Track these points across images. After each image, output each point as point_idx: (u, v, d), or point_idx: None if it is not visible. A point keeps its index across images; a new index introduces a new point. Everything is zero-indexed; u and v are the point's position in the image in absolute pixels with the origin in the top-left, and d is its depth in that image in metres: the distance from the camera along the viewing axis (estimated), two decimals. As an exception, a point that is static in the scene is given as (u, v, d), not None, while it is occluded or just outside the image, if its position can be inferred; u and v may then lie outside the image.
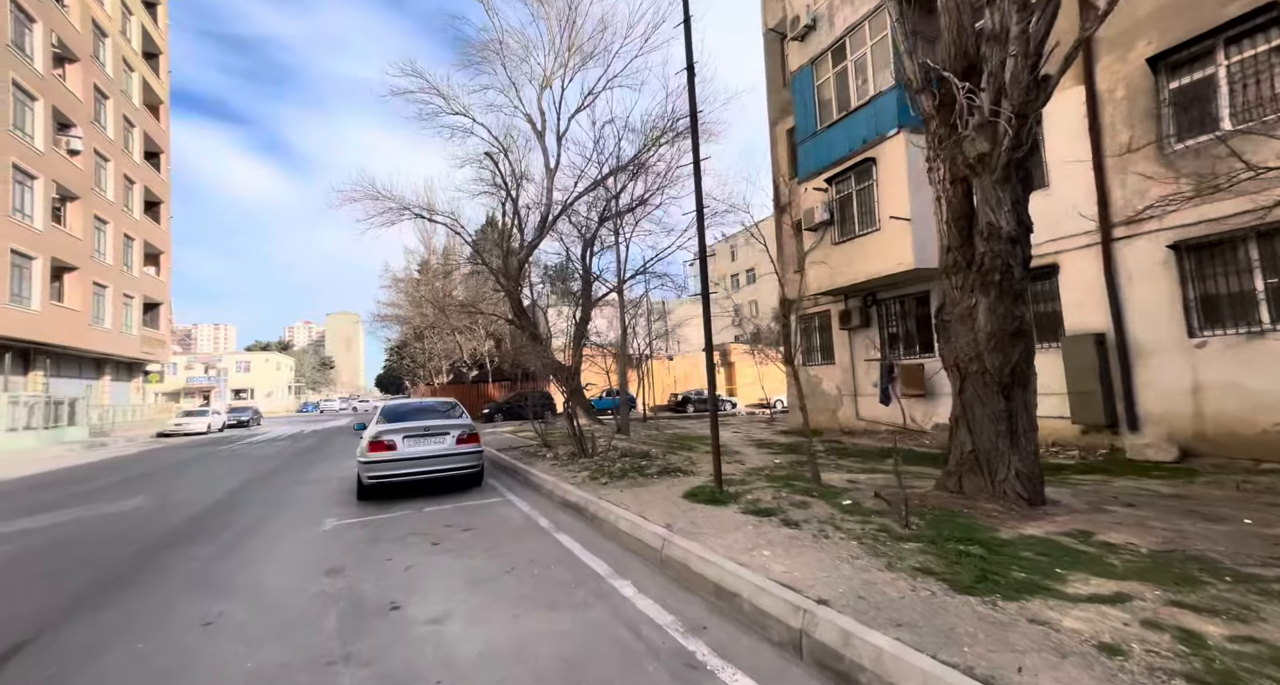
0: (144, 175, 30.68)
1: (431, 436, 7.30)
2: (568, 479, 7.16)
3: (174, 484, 9.99)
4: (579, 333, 19.97)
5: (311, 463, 12.18)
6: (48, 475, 12.22)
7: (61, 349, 23.43)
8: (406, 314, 31.51)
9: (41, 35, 21.62)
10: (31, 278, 20.85)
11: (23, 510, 7.81)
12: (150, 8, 32.64)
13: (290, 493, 8.26)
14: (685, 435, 14.90)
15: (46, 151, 21.72)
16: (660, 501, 5.41)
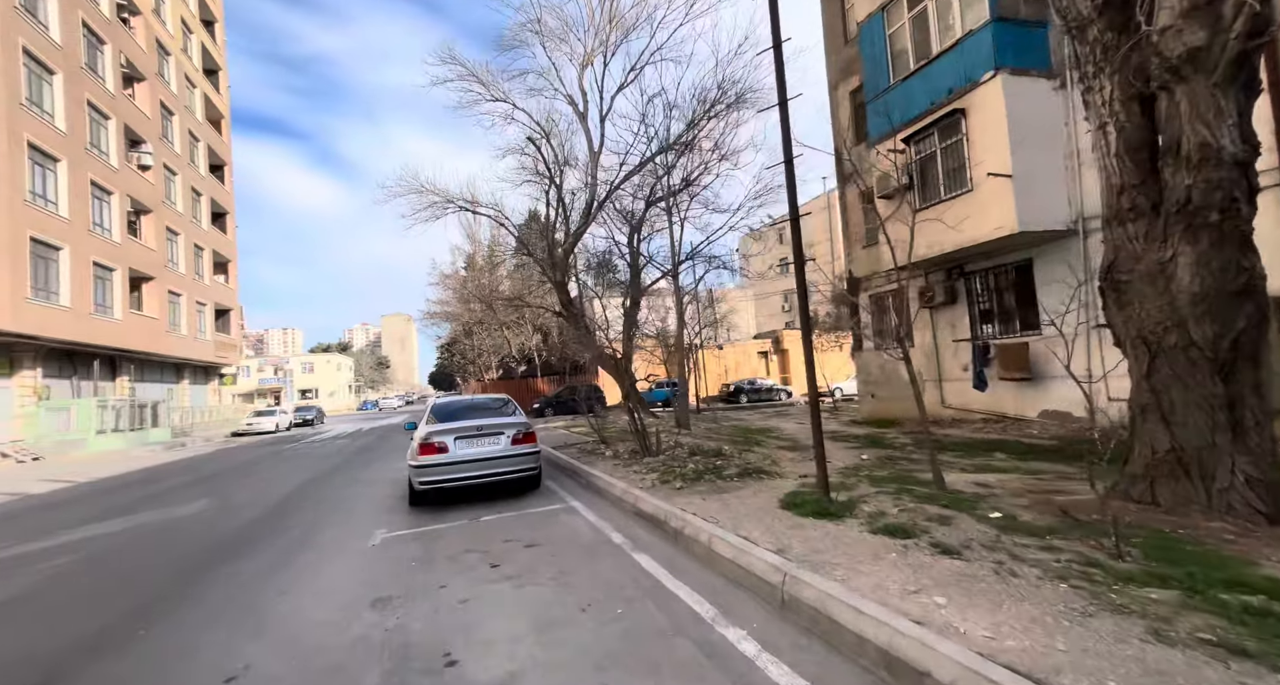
0: (210, 187, 32.19)
1: (485, 437, 6.68)
2: (636, 482, 6.36)
3: (239, 485, 9.93)
4: (629, 323, 19.21)
5: (367, 462, 12.00)
6: (129, 476, 12.62)
7: (143, 355, 24.85)
8: (455, 311, 31.77)
9: (111, 56, 22.72)
10: (112, 288, 22.07)
11: (95, 514, 7.79)
12: (208, 25, 34.10)
13: (344, 495, 7.89)
14: (747, 428, 13.88)
15: (120, 168, 22.88)
16: (755, 513, 4.50)
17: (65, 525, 7.08)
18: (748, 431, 12.70)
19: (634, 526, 5.05)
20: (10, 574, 4.95)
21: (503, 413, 7.60)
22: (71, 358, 21.20)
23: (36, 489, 11.23)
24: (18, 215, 17.06)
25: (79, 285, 19.68)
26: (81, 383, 21.72)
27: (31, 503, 9.59)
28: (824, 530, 3.83)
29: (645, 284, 18.93)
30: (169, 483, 11.06)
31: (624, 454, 8.86)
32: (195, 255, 29.74)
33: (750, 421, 16.71)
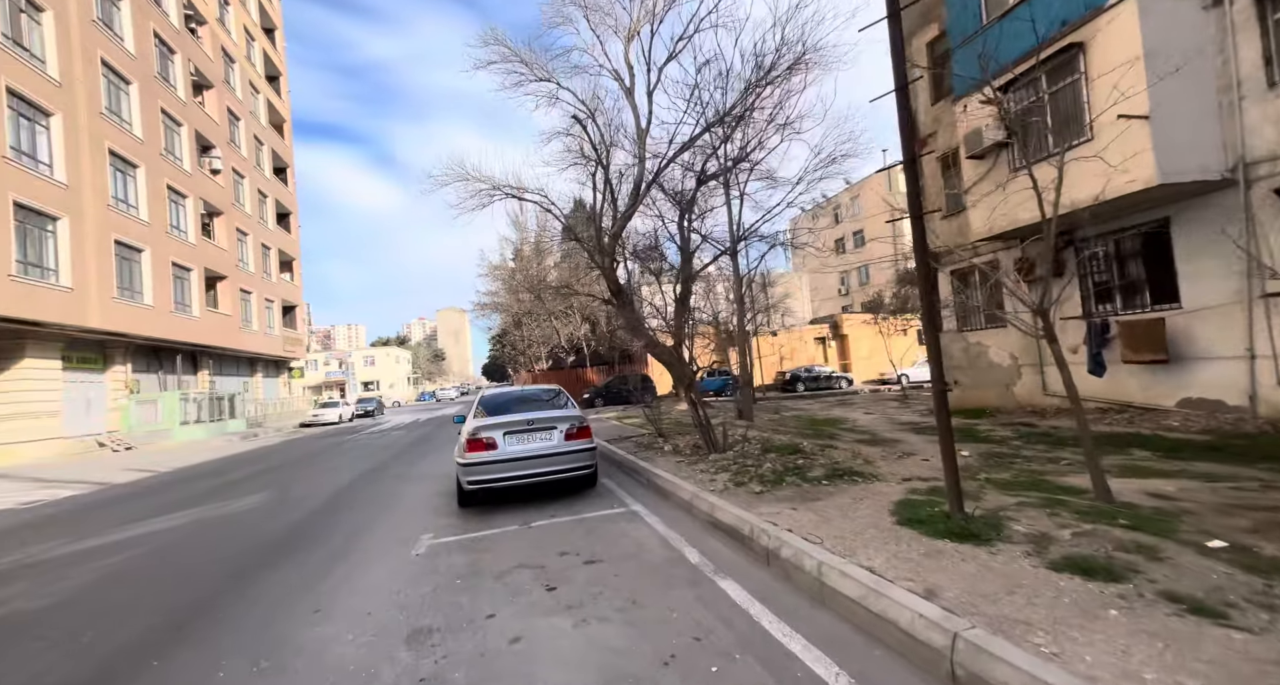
0: (274, 189, 33.67)
1: (536, 432, 6.07)
2: (706, 484, 5.57)
3: (298, 478, 9.91)
4: (680, 309, 18.31)
5: (420, 455, 11.83)
6: (204, 466, 13.07)
7: (220, 350, 26.30)
8: (504, 302, 31.90)
9: (181, 65, 23.82)
10: (190, 287, 23.34)
11: (156, 509, 7.82)
12: (269, 33, 35.47)
13: (394, 493, 7.55)
14: (814, 418, 12.78)
15: (193, 172, 24.07)
16: (867, 530, 3.61)
17: (131, 519, 7.07)
18: (817, 423, 11.63)
19: (710, 540, 4.27)
20: (57, 576, 4.77)
21: (554, 405, 6.99)
22: (157, 353, 22.63)
23: (121, 479, 11.73)
24: (103, 220, 18.11)
25: (160, 285, 20.85)
26: (167, 377, 23.19)
27: (112, 493, 9.92)
28: (976, 561, 2.90)
29: (696, 268, 17.96)
30: (237, 474, 11.28)
31: (685, 449, 8.08)
32: (263, 254, 31.21)
33: (814, 412, 15.54)
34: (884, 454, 6.87)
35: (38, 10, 16.25)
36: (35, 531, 6.83)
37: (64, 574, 4.78)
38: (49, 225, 16.11)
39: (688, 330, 18.67)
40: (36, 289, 15.31)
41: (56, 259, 16.29)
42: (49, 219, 16.07)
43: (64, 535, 6.42)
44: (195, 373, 25.47)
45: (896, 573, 2.81)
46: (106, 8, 19.41)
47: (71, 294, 16.52)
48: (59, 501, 9.36)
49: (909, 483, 5.01)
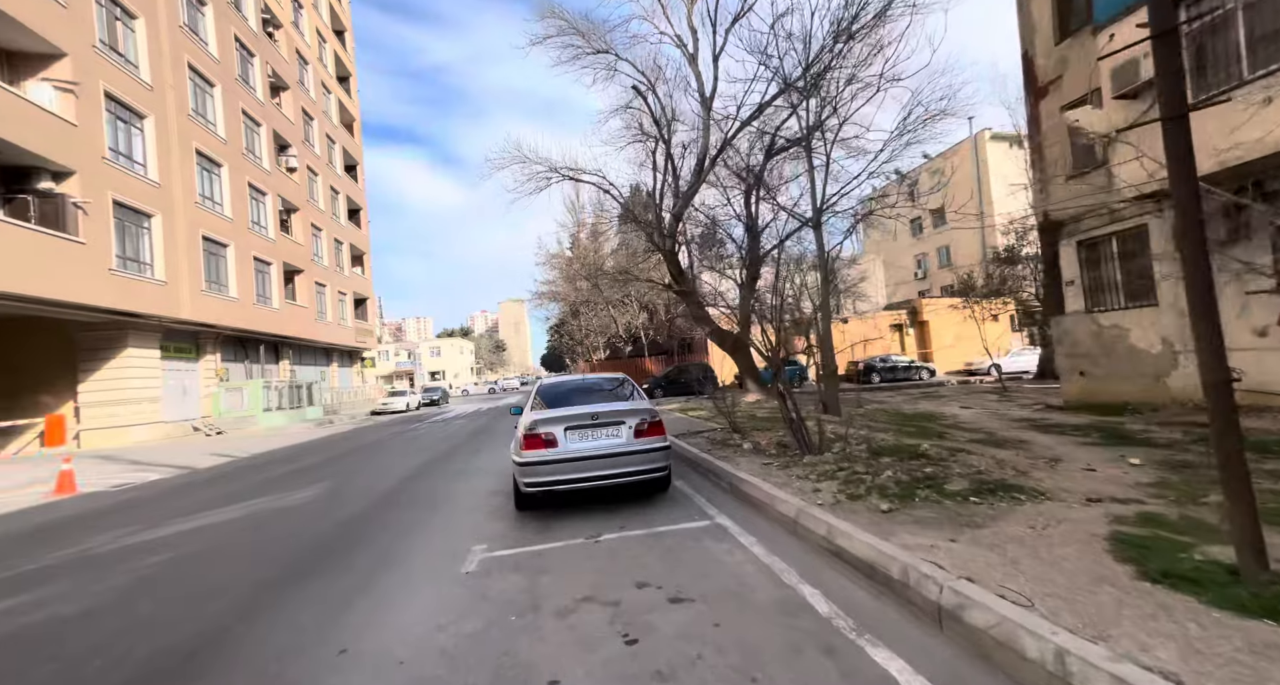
0: (345, 186, 35.08)
1: (602, 427, 5.24)
2: (809, 495, 4.52)
3: (358, 468, 9.71)
4: (747, 293, 17.06)
5: (479, 447, 11.44)
6: (278, 452, 13.38)
7: (298, 341, 27.68)
8: (562, 290, 31.67)
9: (259, 67, 24.94)
10: (270, 280, 24.55)
11: (223, 498, 7.71)
12: (339, 35, 36.86)
13: (449, 491, 7.00)
14: (907, 413, 11.25)
15: (272, 171, 25.24)
16: (1096, 587, 2.46)
17: (196, 509, 6.93)
18: (913, 419, 10.15)
19: (834, 576, 3.24)
20: (98, 576, 4.45)
21: (620, 396, 6.14)
22: (243, 343, 24.00)
23: (204, 463, 12.12)
24: (192, 216, 19.15)
25: (243, 278, 21.97)
26: (252, 366, 24.59)
27: (192, 478, 10.14)
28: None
29: (769, 246, 16.59)
30: (306, 461, 11.34)
31: (769, 448, 7.02)
32: (336, 249, 32.61)
33: (894, 404, 13.92)
34: (1028, 461, 5.51)
35: (131, 18, 17.19)
36: (110, 518, 6.81)
37: (106, 575, 4.46)
38: (144, 222, 17.13)
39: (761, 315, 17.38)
40: (134, 282, 16.31)
41: (151, 254, 17.32)
42: (144, 216, 17.08)
43: (132, 524, 6.30)
44: (277, 362, 26.93)
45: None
46: (192, 13, 20.42)
47: (165, 287, 17.54)
48: (144, 485, 9.61)
49: (1100, 505, 3.73)
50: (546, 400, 5.96)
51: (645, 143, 17.29)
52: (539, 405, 5.83)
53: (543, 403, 5.89)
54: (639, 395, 6.13)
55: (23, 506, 8.10)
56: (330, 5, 35.16)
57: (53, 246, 13.60)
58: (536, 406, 5.81)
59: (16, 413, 16.40)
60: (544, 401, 5.92)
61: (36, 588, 4.22)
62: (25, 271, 12.82)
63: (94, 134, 15.10)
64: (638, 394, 6.18)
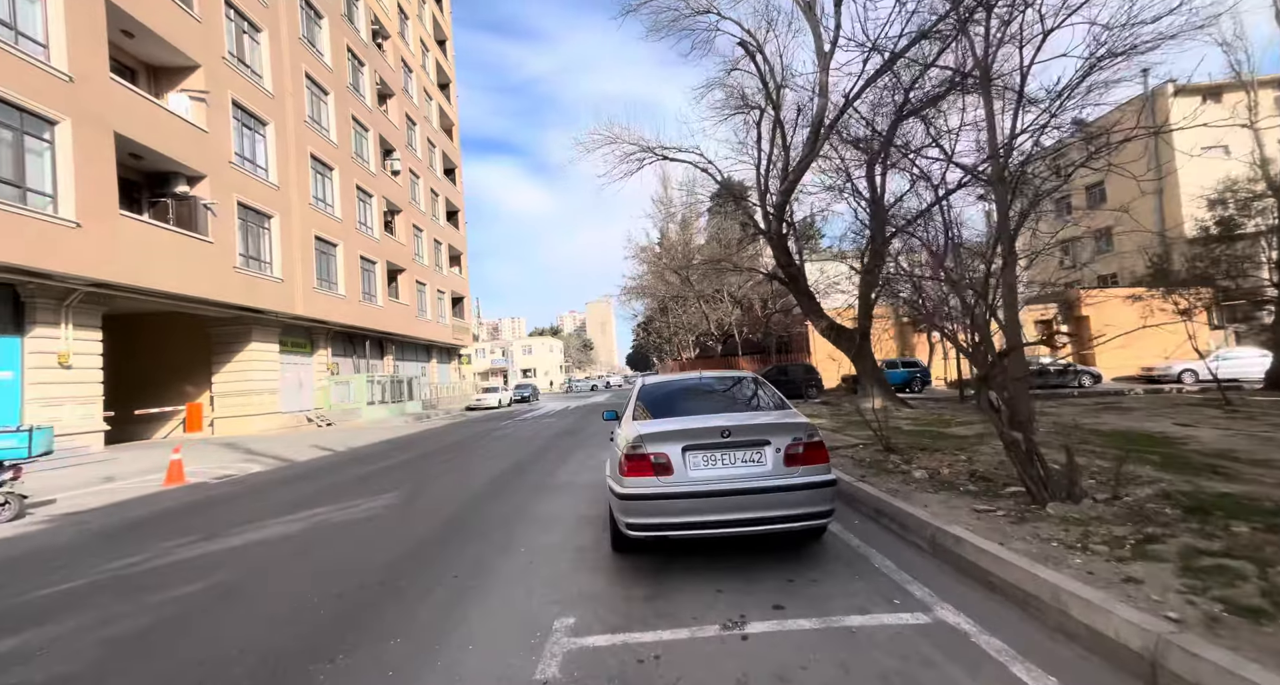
0: (444, 188, 36.46)
1: (737, 448, 3.62)
2: (1121, 590, 2.57)
3: (437, 472, 8.88)
4: (869, 282, 14.62)
5: (565, 454, 10.28)
6: (372, 448, 13.21)
7: (400, 337, 28.86)
8: (650, 284, 30.41)
9: (369, 75, 26.19)
10: (375, 279, 25.65)
11: (300, 500, 7.08)
12: (441, 44, 38.49)
13: (528, 513, 5.73)
14: (1100, 433, 8.37)
15: (378, 173, 26.41)
16: None
17: (259, 517, 6.26)
18: (1137, 442, 7.39)
19: None
20: (136, 600, 3.58)
21: (755, 403, 4.46)
22: (351, 339, 25.27)
23: (303, 456, 12.11)
24: (306, 217, 20.17)
25: (350, 276, 23.00)
26: (359, 361, 25.86)
27: (286, 472, 9.92)
28: None
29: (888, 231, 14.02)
30: (391, 460, 10.87)
31: (955, 479, 4.99)
32: (435, 249, 33.88)
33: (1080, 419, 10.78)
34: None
35: (256, 30, 18.30)
36: (187, 520, 6.33)
37: (143, 597, 3.66)
38: (264, 223, 18.15)
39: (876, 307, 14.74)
40: (256, 280, 17.25)
41: (270, 253, 18.33)
42: (264, 217, 18.09)
43: (201, 531, 5.68)
44: (381, 357, 28.23)
45: None
46: (310, 26, 21.62)
47: (282, 285, 18.49)
48: (242, 479, 9.49)
49: None
50: (651, 406, 4.43)
51: (748, 115, 15.40)
52: (642, 413, 4.31)
53: (646, 409, 4.36)
54: (783, 403, 4.40)
55: (126, 497, 8.04)
56: (433, 16, 36.73)
57: (186, 246, 14.50)
58: (640, 415, 4.29)
59: (167, 400, 18.02)
60: (648, 408, 4.40)
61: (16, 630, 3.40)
62: (164, 270, 13.70)
63: (222, 140, 16.06)
64: (780, 401, 4.46)
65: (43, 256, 10.82)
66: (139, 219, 13.05)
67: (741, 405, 4.42)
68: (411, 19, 32.65)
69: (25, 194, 10.80)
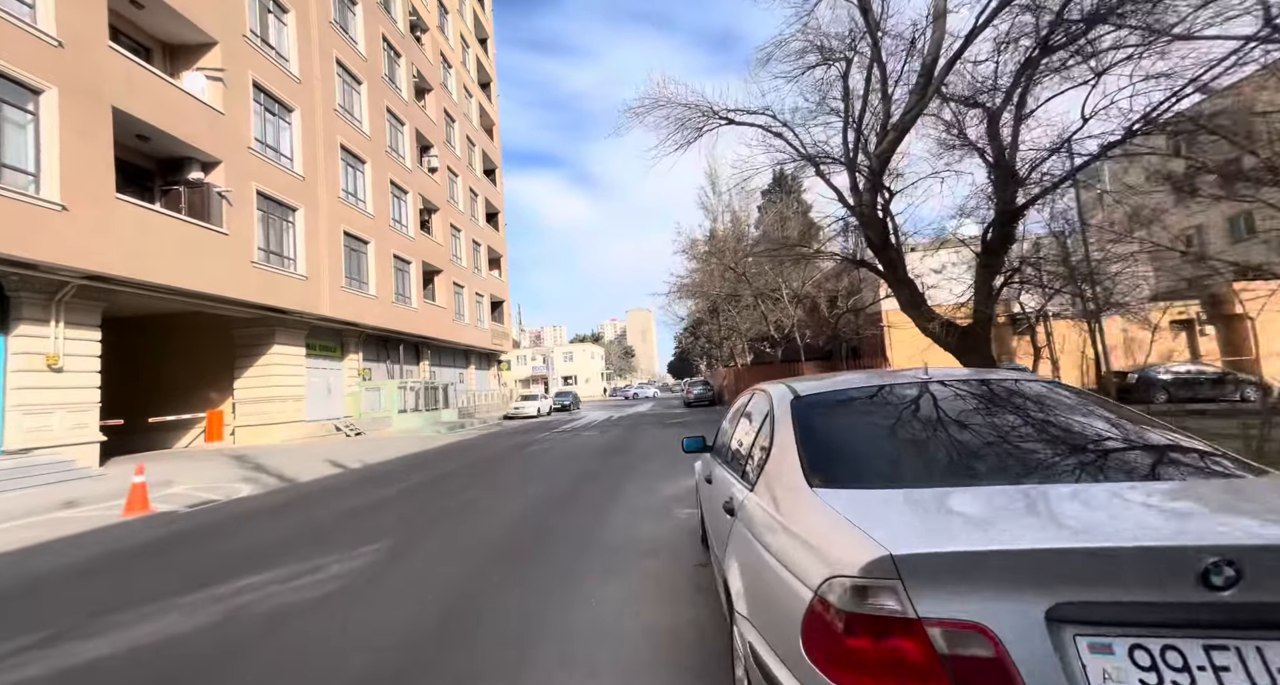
0: (484, 189, 35.23)
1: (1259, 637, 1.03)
2: None
3: (447, 511, 6.60)
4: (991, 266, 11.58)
5: (616, 480, 7.85)
6: (385, 466, 11.20)
7: (437, 342, 27.40)
8: (700, 281, 27.78)
9: (405, 68, 25.04)
10: (409, 280, 24.25)
11: (229, 563, 4.93)
12: (482, 42, 37.56)
13: (567, 617, 3.26)
14: None
15: (414, 170, 25.14)
16: None
17: (166, 592, 4.08)
18: None
19: None
20: None
21: (1155, 458, 1.74)
22: (384, 343, 23.90)
23: (308, 475, 10.23)
24: (335, 211, 18.83)
25: (382, 276, 21.59)
26: (393, 366, 24.46)
27: (274, 499, 7.96)
28: None
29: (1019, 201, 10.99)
30: (403, 483, 8.79)
31: None
32: (474, 250, 32.53)
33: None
34: None
35: (283, 10, 17.13)
36: (64, 589, 4.27)
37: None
38: (288, 215, 16.81)
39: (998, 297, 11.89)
40: (276, 277, 15.85)
41: (295, 248, 16.96)
42: (288, 209, 16.75)
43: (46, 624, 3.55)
44: (417, 363, 26.83)
45: None
46: (342, 11, 20.49)
47: (306, 283, 17.08)
48: (219, 506, 7.61)
49: None
50: (841, 454, 1.86)
51: (828, 70, 12.70)
52: (823, 472, 1.74)
53: (830, 462, 1.78)
54: (1211, 454, 1.75)
55: (55, 535, 6.18)
56: (474, 12, 35.83)
57: (197, 237, 13.11)
58: (821, 476, 1.70)
59: (190, 407, 16.84)
60: (832, 458, 1.82)
61: None
62: (170, 263, 12.29)
63: (240, 123, 14.75)
64: (1191, 447, 1.81)
65: (18, 242, 9.40)
66: (140, 205, 11.66)
67: (1118, 467, 1.74)
68: (452, 13, 31.68)
69: (0, 171, 9.44)
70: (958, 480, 1.61)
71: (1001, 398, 2.09)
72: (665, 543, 4.61)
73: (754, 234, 27.74)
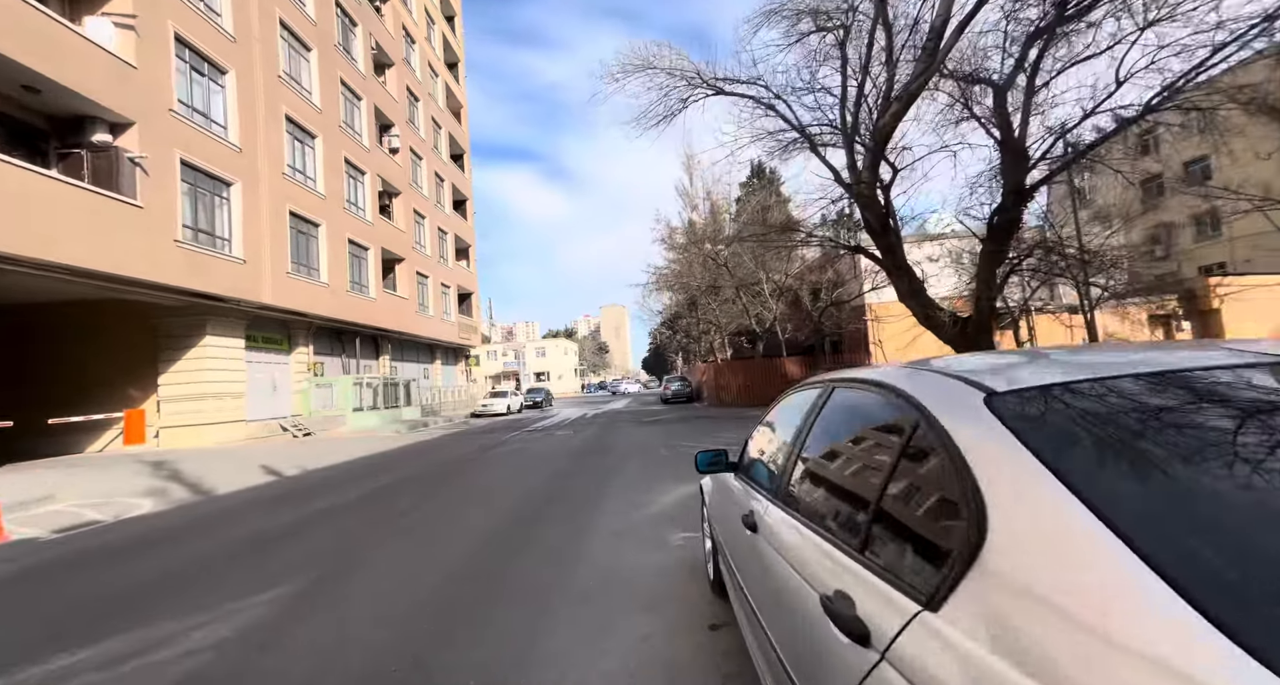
0: (451, 174, 33.32)
1: None
2: None
3: (391, 535, 5.31)
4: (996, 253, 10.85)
5: (596, 490, 6.69)
6: (327, 472, 9.70)
7: (399, 334, 25.58)
8: (683, 272, 26.72)
9: (362, 38, 23.09)
10: (367, 267, 22.42)
11: (52, 629, 3.57)
12: (449, 20, 35.51)
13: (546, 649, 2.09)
14: None
15: (372, 149, 23.24)
16: None
17: None
18: None
19: None
20: None
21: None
22: (339, 335, 22.04)
23: (233, 484, 8.71)
24: (279, 188, 16.97)
25: (336, 262, 19.77)
26: (349, 360, 22.60)
27: (166, 521, 6.47)
28: None
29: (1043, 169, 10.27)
30: (343, 496, 7.42)
31: None
32: (440, 239, 30.68)
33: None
34: None
35: (213, -40, 15.20)
36: None
37: None
38: (222, 191, 14.94)
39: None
40: (208, 259, 14.02)
41: (230, 227, 15.11)
42: (221, 184, 14.89)
43: None
44: (376, 357, 24.99)
45: None
46: (286, -31, 18.54)
47: (244, 266, 15.26)
48: (99, 530, 6.14)
49: None
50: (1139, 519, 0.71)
51: (823, 38, 11.74)
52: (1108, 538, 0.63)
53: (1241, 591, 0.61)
54: None
55: None
56: (439, -13, 33.80)
57: (104, 210, 11.27)
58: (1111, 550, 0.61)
59: (104, 405, 14.81)
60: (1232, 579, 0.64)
61: None
62: (67, 238, 10.46)
63: (159, 82, 12.87)
64: None
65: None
66: (24, 167, 9.81)
67: None
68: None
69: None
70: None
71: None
72: (661, 585, 3.46)
73: (733, 226, 26.84)
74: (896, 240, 11.79)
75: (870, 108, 10.83)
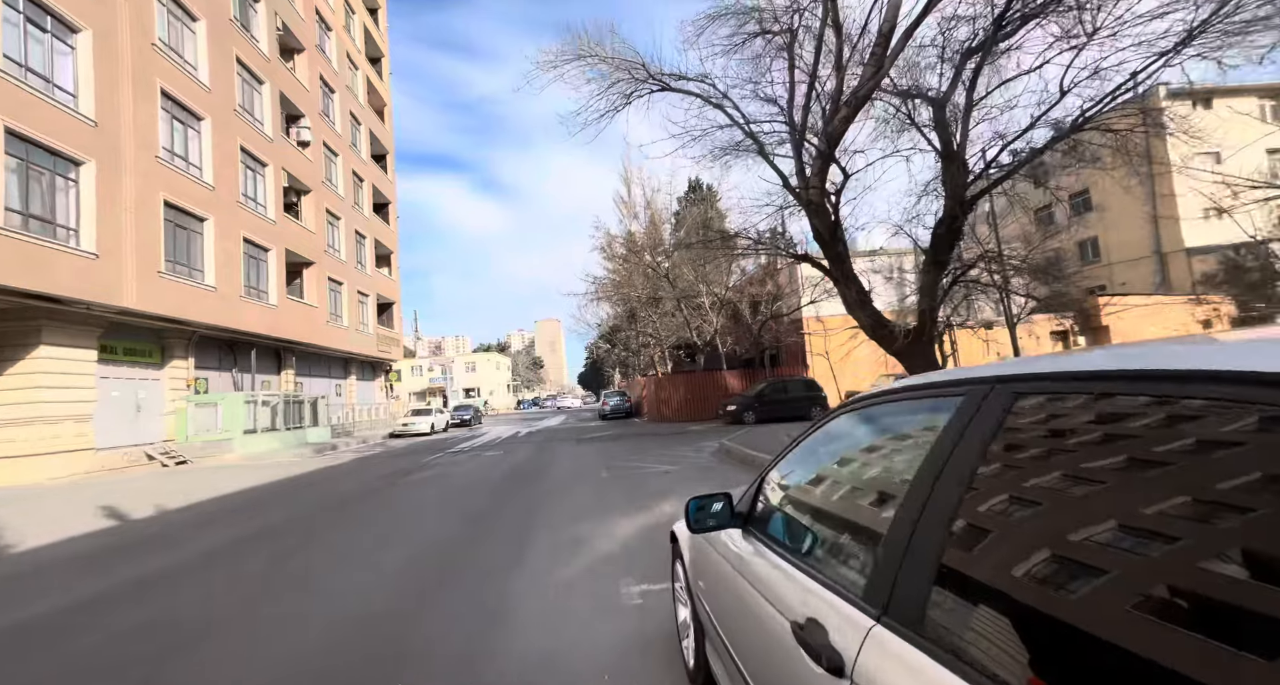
0: (372, 174, 30.78)
1: None
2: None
3: (235, 618, 3.84)
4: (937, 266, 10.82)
5: (522, 530, 5.48)
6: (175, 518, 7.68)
7: (305, 346, 22.79)
8: (620, 283, 25.84)
9: (266, 17, 20.68)
10: (267, 270, 19.76)
11: None
12: (372, 13, 33.21)
13: None
14: None
15: (276, 139, 20.73)
16: None
17: None
18: None
19: None
20: None
21: None
22: (231, 347, 19.15)
23: (42, 538, 6.62)
24: (149, 173, 14.42)
25: (226, 263, 17.16)
26: (242, 375, 19.68)
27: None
28: None
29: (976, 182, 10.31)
30: (193, 548, 5.71)
31: None
32: (357, 243, 28.05)
33: None
34: None
35: (67, -100, 12.77)
36: None
37: None
38: (68, 171, 12.35)
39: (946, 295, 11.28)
40: (40, 251, 11.41)
41: (78, 216, 12.50)
42: (67, 162, 12.31)
43: None
44: (278, 372, 22.06)
45: None
46: (169, -74, 16.16)
47: (96, 262, 12.64)
48: None
49: None
50: None
51: (770, 42, 11.42)
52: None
53: None
54: None
55: None
56: (361, -24, 31.57)
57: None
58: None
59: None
60: None
61: None
62: None
63: (-21, 30, 10.41)
64: None
65: None
66: None
67: None
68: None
69: None
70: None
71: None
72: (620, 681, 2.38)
73: (673, 237, 26.44)
74: (845, 249, 11.50)
75: (822, 109, 10.52)
